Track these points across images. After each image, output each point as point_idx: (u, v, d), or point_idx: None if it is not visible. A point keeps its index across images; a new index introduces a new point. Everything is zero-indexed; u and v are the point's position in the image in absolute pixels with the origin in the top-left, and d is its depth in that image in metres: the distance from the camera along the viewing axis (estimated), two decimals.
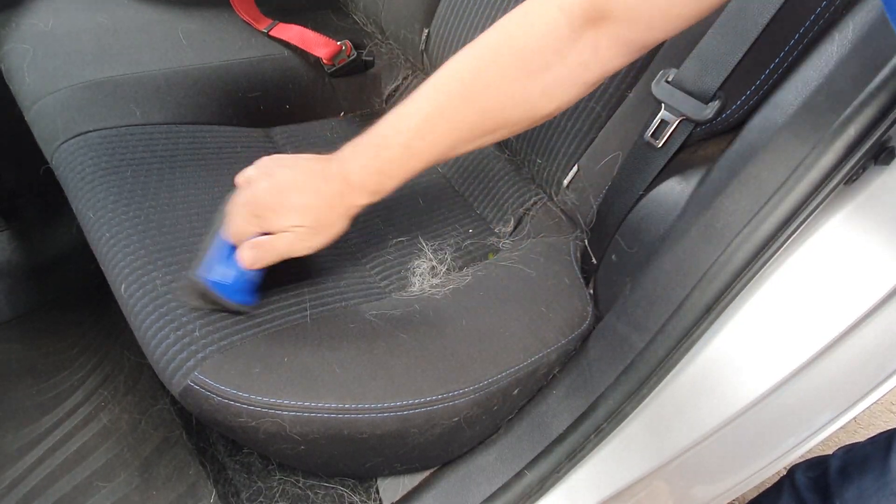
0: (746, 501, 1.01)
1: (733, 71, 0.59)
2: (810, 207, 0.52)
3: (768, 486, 0.96)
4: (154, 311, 0.58)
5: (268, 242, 0.55)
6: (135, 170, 0.72)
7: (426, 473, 0.70)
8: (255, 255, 0.56)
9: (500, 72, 0.52)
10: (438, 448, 0.66)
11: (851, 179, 0.52)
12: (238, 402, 0.53)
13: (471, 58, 0.54)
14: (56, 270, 1.06)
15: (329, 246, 0.75)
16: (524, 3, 0.53)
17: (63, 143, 0.74)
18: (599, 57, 0.52)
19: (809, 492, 0.83)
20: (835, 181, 0.51)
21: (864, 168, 0.52)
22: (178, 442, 0.86)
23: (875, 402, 0.70)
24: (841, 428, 0.73)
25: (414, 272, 0.76)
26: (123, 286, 0.61)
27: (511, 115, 0.55)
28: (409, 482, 0.71)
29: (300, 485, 0.75)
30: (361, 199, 0.57)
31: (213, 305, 0.58)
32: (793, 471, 0.88)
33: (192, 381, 0.54)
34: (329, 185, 0.56)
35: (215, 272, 0.57)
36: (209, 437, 0.85)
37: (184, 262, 0.64)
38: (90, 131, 0.75)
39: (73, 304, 1.04)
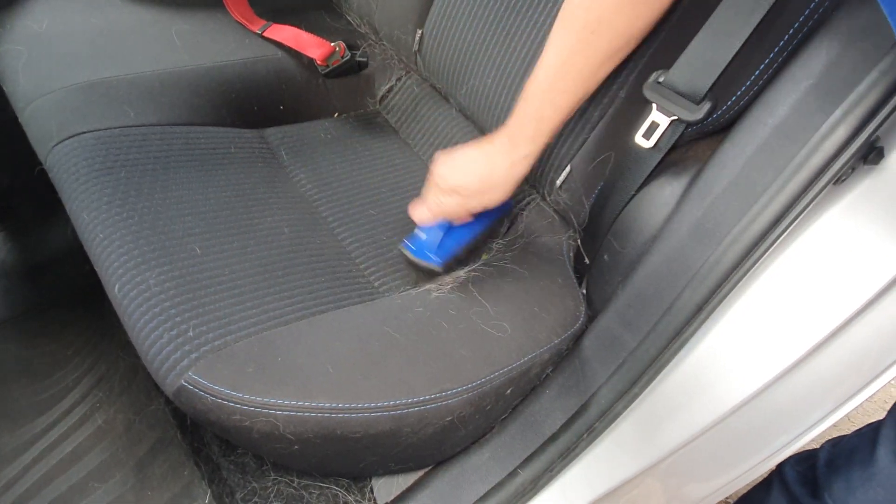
0: (737, 497, 1.01)
1: (724, 72, 0.59)
2: (800, 207, 0.53)
3: (758, 481, 0.97)
4: (148, 311, 0.59)
5: (436, 204, 0.70)
6: (129, 171, 0.72)
7: (420, 473, 0.71)
8: (425, 214, 0.72)
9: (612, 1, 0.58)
10: (432, 447, 0.66)
11: (841, 179, 0.53)
12: (232, 401, 0.53)
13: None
14: (51, 271, 1.06)
15: (324, 246, 0.75)
16: None
17: (57, 144, 0.74)
18: None
19: (798, 485, 0.84)
20: (824, 181, 0.51)
21: (853, 168, 0.52)
22: (172, 442, 0.86)
23: (868, 401, 0.71)
24: (834, 426, 0.73)
25: (412, 274, 0.76)
26: (117, 286, 0.61)
27: (633, 35, 0.62)
28: (403, 481, 0.71)
29: (295, 485, 0.75)
30: (525, 148, 0.66)
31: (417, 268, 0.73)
32: (782, 465, 0.89)
33: (185, 381, 0.54)
34: (493, 146, 0.67)
35: (410, 240, 0.74)
36: (204, 437, 0.85)
37: (177, 261, 0.64)
38: (84, 132, 0.75)
39: (68, 304, 1.04)
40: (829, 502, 0.76)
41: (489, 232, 0.78)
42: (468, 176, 0.68)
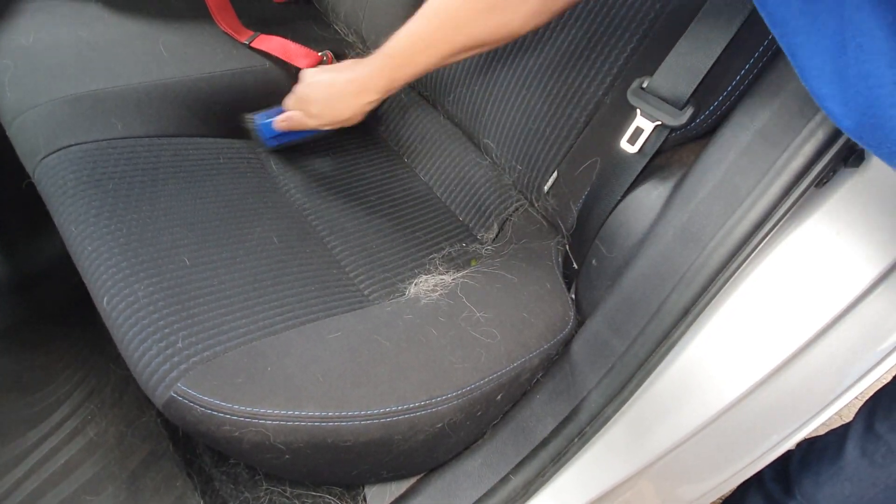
0: (723, 498, 1.02)
1: (705, 77, 0.60)
2: (783, 210, 0.53)
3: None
4: (136, 323, 0.59)
5: (293, 116, 0.80)
6: (117, 183, 0.72)
7: (413, 480, 0.71)
8: (282, 122, 0.83)
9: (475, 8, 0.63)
10: (424, 454, 0.66)
11: (822, 182, 0.53)
12: (221, 412, 0.53)
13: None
14: (40, 284, 1.05)
15: (313, 255, 0.75)
16: None
17: (45, 157, 0.74)
18: None
19: (773, 482, 0.85)
20: (806, 184, 0.52)
21: (834, 171, 0.53)
22: (164, 454, 0.86)
23: (858, 399, 0.71)
24: (824, 425, 0.74)
25: (403, 281, 0.76)
26: (106, 299, 0.61)
27: (495, 37, 0.66)
28: (395, 489, 0.71)
29: (287, 494, 0.75)
30: (371, 95, 0.74)
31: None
32: None
33: (175, 393, 0.54)
34: (349, 72, 0.75)
35: (258, 117, 0.86)
36: (196, 449, 0.85)
37: (166, 273, 0.64)
38: (72, 145, 0.75)
39: (58, 317, 1.03)
40: (798, 497, 0.78)
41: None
42: (319, 93, 0.77)
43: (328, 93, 0.77)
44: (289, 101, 0.81)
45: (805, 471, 0.79)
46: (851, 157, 0.53)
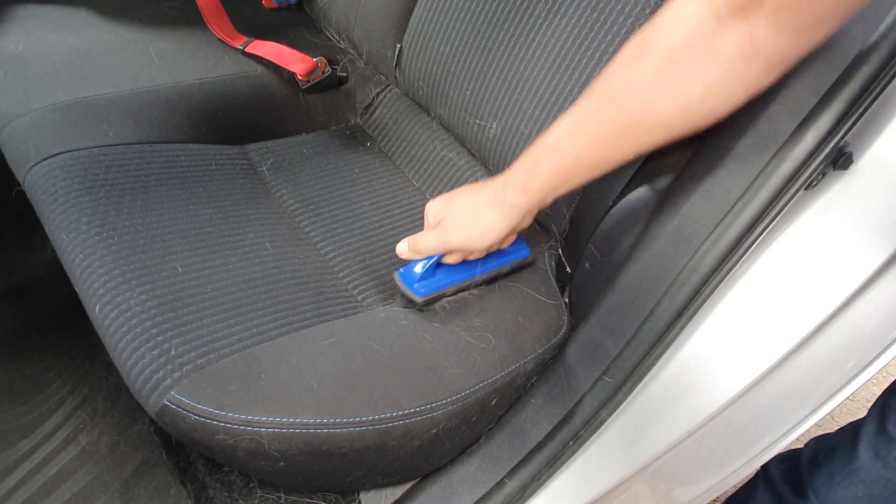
0: (724, 498, 1.02)
1: None
2: (773, 213, 0.54)
3: (744, 482, 0.98)
4: (129, 331, 0.58)
5: (421, 238, 0.68)
6: (108, 190, 0.72)
7: (408, 485, 0.71)
8: (409, 248, 0.69)
9: (643, 70, 0.51)
10: (419, 460, 0.66)
11: (812, 185, 0.54)
12: (215, 420, 0.53)
13: (616, 64, 0.54)
14: (31, 293, 1.05)
15: (307, 261, 0.75)
16: (667, 5, 0.50)
17: (35, 165, 0.74)
18: (758, 46, 0.46)
19: (782, 482, 0.85)
20: (795, 187, 0.53)
21: (823, 174, 0.54)
22: (158, 462, 0.85)
23: (851, 399, 0.72)
24: (816, 424, 0.74)
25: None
26: (98, 307, 0.61)
27: (664, 114, 0.53)
28: (391, 494, 0.71)
29: (282, 501, 0.75)
30: (514, 196, 0.63)
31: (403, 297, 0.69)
32: (766, 464, 0.90)
33: (168, 401, 0.54)
34: (487, 188, 0.65)
35: (404, 270, 0.69)
36: (189, 457, 0.85)
37: (158, 281, 0.64)
38: (62, 153, 0.75)
39: (49, 326, 1.02)
40: (812, 498, 0.77)
41: (489, 278, 0.73)
42: (452, 210, 0.66)
43: (461, 203, 0.66)
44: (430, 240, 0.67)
45: (816, 471, 0.78)
46: (840, 159, 0.53)
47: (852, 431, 0.76)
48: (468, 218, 0.65)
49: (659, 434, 0.67)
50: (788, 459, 0.87)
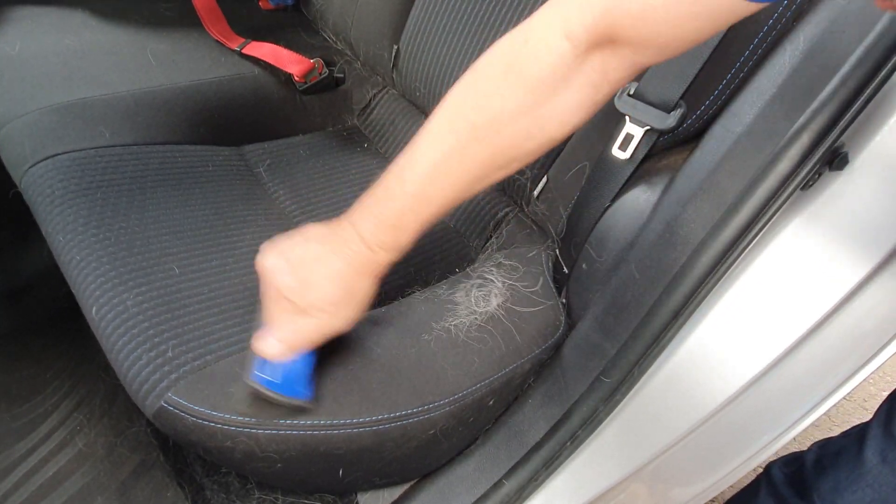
0: (725, 500, 1.02)
1: (693, 82, 0.60)
2: (769, 213, 0.54)
3: (745, 484, 0.97)
4: (126, 332, 0.58)
5: (294, 330, 0.53)
6: (105, 191, 0.72)
7: (406, 486, 0.71)
8: (281, 348, 0.53)
9: (509, 106, 0.49)
10: (416, 460, 0.66)
11: (807, 185, 0.54)
12: (212, 421, 0.53)
13: (473, 93, 0.51)
14: (27, 294, 1.04)
15: None
16: (522, 28, 0.49)
17: (32, 166, 0.73)
18: (608, 78, 0.49)
19: (786, 487, 0.84)
20: (791, 187, 0.53)
21: (819, 174, 0.54)
22: (155, 464, 0.85)
23: (848, 400, 0.72)
24: (813, 425, 0.74)
25: (394, 288, 0.76)
26: (94, 308, 0.61)
27: (525, 147, 0.51)
28: (389, 496, 0.71)
29: (279, 502, 0.75)
30: (382, 257, 0.54)
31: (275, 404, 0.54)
32: (769, 467, 0.89)
33: (165, 402, 0.53)
34: (349, 249, 0.53)
35: (264, 371, 0.53)
36: (186, 458, 0.85)
37: (155, 282, 0.64)
38: (59, 154, 0.75)
39: (46, 327, 1.02)
40: (818, 502, 0.77)
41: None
42: (331, 286, 0.53)
43: (332, 273, 0.53)
44: (269, 308, 0.54)
45: (822, 476, 0.78)
46: (836, 160, 0.53)
47: (858, 435, 0.75)
48: (349, 291, 0.54)
49: (656, 434, 0.67)
50: (791, 463, 0.86)
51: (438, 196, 0.52)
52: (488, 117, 0.49)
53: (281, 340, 0.53)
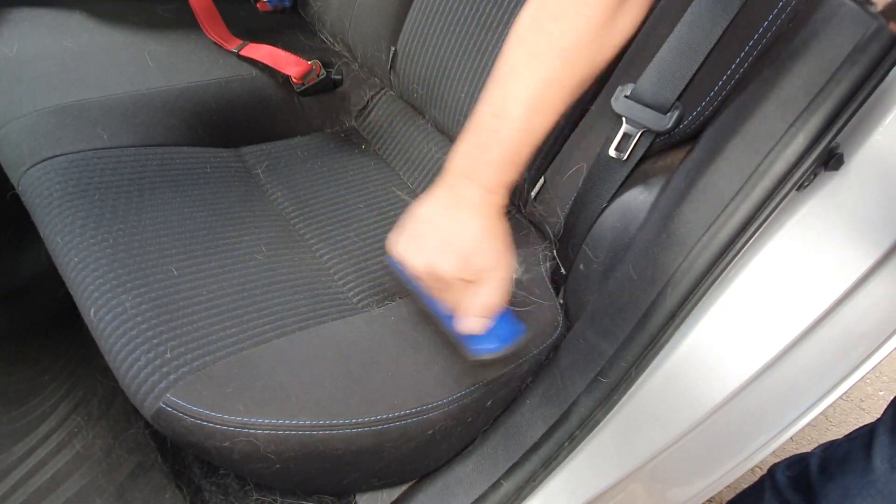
0: (725, 502, 1.01)
1: (689, 83, 0.61)
2: (765, 213, 0.54)
3: (746, 486, 0.97)
4: (124, 334, 0.58)
5: (479, 302, 0.55)
6: (103, 193, 0.72)
7: (404, 487, 0.71)
8: (481, 321, 0.56)
9: (590, 24, 0.52)
10: (415, 461, 0.66)
11: (803, 185, 0.54)
12: (211, 422, 0.53)
13: (551, 19, 0.53)
14: (25, 296, 1.04)
15: (302, 263, 0.75)
16: None
17: (30, 168, 0.74)
18: None
19: (791, 491, 0.83)
20: (787, 188, 0.53)
21: (814, 174, 0.54)
22: (153, 466, 0.85)
23: (845, 399, 0.72)
24: (811, 425, 0.74)
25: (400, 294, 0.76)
26: (93, 310, 0.61)
27: (603, 61, 0.56)
28: (387, 496, 0.71)
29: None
30: (503, 198, 0.56)
31: (506, 362, 0.60)
32: (773, 470, 0.89)
33: (164, 403, 0.54)
34: (476, 204, 0.54)
35: (479, 343, 0.57)
36: (185, 460, 0.85)
37: (154, 283, 0.64)
38: (57, 156, 0.75)
39: (44, 329, 1.02)
40: None
41: None
42: (484, 247, 0.54)
43: (479, 233, 0.54)
44: (447, 294, 0.56)
45: (829, 482, 0.76)
46: (831, 160, 0.54)
47: (864, 440, 0.74)
48: (498, 242, 0.56)
49: (654, 434, 0.67)
50: (795, 466, 0.85)
51: (543, 124, 0.54)
52: (573, 38, 0.52)
53: (480, 315, 0.55)
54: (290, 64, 0.99)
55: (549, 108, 0.54)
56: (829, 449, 0.81)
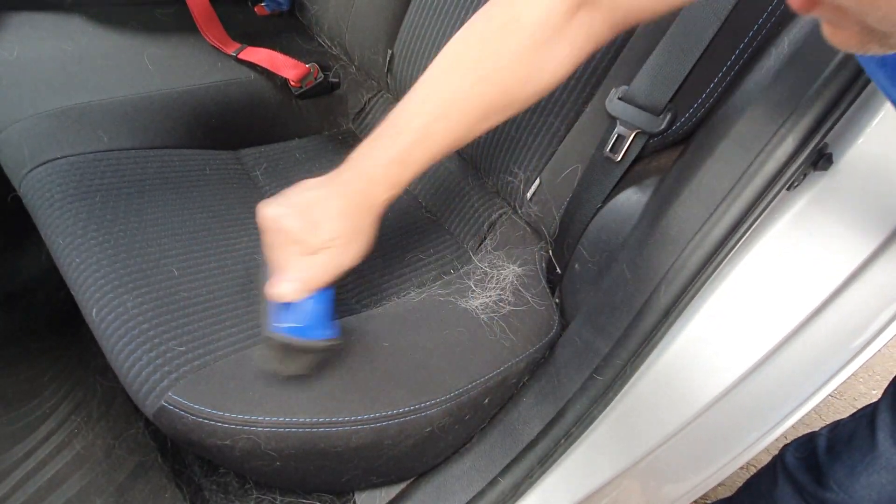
0: (741, 483, 1.00)
1: (681, 85, 0.62)
2: (756, 213, 0.55)
3: (740, 482, 0.98)
4: (126, 333, 0.59)
5: (307, 268, 0.53)
6: (103, 195, 0.73)
7: (402, 485, 0.71)
8: (297, 286, 0.53)
9: (511, 49, 0.53)
10: (413, 459, 0.67)
11: (793, 185, 0.55)
12: (212, 420, 0.53)
13: (476, 40, 0.55)
14: (25, 298, 1.05)
15: None
16: None
17: (31, 170, 0.74)
18: (592, 34, 0.54)
19: (801, 472, 0.84)
20: (777, 187, 0.54)
21: (804, 174, 0.55)
22: (153, 466, 0.86)
23: (836, 398, 0.73)
24: (803, 423, 0.75)
25: (390, 288, 0.77)
26: (95, 310, 0.61)
27: (523, 92, 0.56)
28: (385, 494, 0.72)
29: (278, 502, 0.75)
30: (383, 193, 0.56)
31: (303, 356, 0.55)
32: (783, 452, 0.89)
33: (165, 402, 0.54)
34: (350, 188, 0.55)
35: (284, 320, 0.53)
36: (185, 459, 0.85)
37: (155, 284, 0.64)
38: (58, 158, 0.75)
39: (44, 331, 1.03)
40: (835, 488, 0.77)
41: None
42: (338, 222, 0.54)
43: (339, 211, 0.55)
44: (275, 253, 0.55)
45: (837, 462, 0.78)
46: (820, 160, 0.55)
47: (868, 418, 0.76)
48: (356, 226, 0.56)
49: (649, 431, 0.68)
50: (804, 447, 0.85)
51: (443, 134, 0.55)
52: (492, 60, 0.54)
53: (295, 280, 0.53)
54: (287, 67, 1.00)
55: (452, 122, 0.55)
56: (836, 429, 0.83)
